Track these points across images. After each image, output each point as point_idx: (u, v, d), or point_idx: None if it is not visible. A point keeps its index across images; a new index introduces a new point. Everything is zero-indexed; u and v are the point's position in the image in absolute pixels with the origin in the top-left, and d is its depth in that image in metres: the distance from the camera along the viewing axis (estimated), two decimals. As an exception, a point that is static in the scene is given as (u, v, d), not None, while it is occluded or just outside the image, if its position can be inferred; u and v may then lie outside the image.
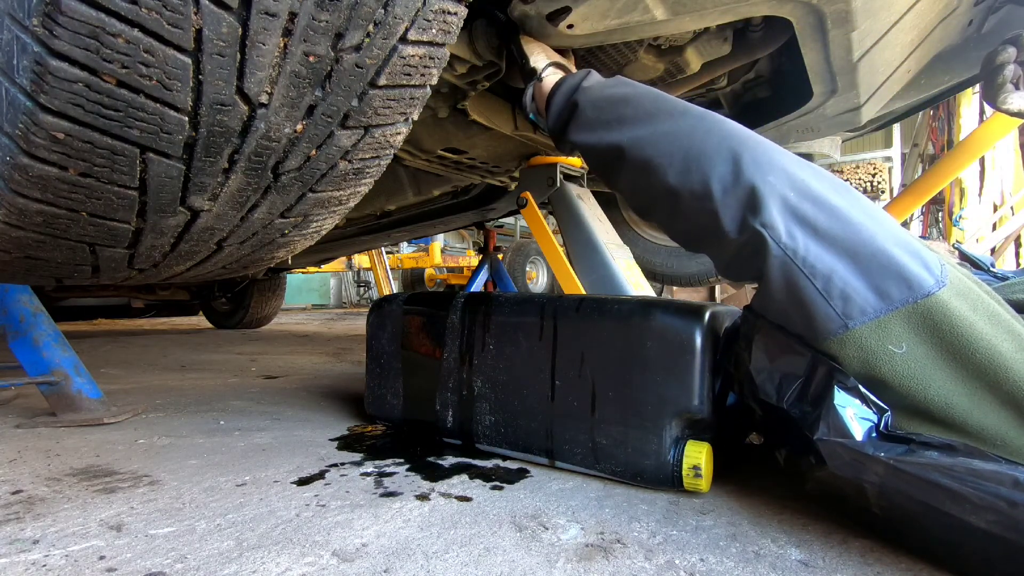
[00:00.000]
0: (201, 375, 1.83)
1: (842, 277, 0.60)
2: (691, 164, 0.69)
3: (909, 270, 0.58)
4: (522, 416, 0.86)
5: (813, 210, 0.62)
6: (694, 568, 0.55)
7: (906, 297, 0.58)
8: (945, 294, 0.57)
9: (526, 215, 1.48)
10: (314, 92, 0.60)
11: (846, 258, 0.60)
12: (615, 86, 0.82)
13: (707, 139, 0.69)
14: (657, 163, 0.72)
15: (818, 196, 0.63)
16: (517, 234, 12.94)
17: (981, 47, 1.30)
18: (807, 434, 0.62)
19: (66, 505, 0.71)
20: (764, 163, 0.65)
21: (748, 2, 0.85)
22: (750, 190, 0.64)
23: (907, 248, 0.59)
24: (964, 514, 0.51)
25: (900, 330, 0.58)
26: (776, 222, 0.62)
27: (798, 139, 1.42)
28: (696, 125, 0.72)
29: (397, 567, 0.55)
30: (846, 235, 0.61)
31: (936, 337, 0.57)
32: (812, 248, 0.61)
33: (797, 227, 0.62)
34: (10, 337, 1.18)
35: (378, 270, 6.57)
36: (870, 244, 0.60)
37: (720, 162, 0.67)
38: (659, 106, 0.76)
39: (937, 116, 5.38)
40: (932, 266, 0.58)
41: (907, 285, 0.58)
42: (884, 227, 0.61)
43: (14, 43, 0.50)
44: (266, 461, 0.88)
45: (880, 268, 0.59)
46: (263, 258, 1.01)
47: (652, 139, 0.74)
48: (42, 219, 0.66)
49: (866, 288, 0.59)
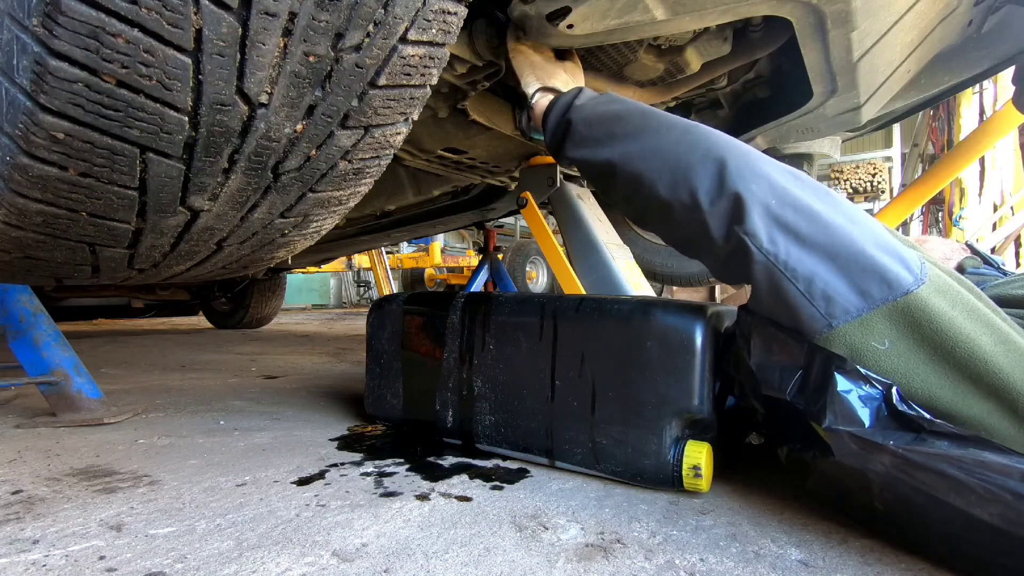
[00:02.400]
0: (201, 375, 1.83)
1: (823, 279, 0.63)
2: (679, 177, 0.72)
3: (888, 269, 0.60)
4: (522, 416, 0.86)
5: (794, 216, 0.65)
6: (694, 568, 0.55)
7: (886, 295, 0.60)
8: (924, 291, 0.59)
9: (526, 215, 1.48)
10: (314, 92, 0.60)
11: (827, 260, 0.63)
12: (605, 103, 0.84)
13: (693, 152, 0.72)
14: (648, 177, 0.75)
15: (799, 202, 0.65)
16: (517, 234, 12.94)
17: (981, 47, 1.30)
18: (814, 425, 0.62)
19: (66, 505, 0.71)
20: (747, 172, 0.68)
21: (748, 2, 0.85)
22: (734, 199, 0.67)
23: (886, 248, 0.62)
24: (968, 506, 0.51)
25: (882, 327, 0.61)
26: (758, 229, 0.65)
27: (798, 139, 1.42)
28: (682, 139, 0.74)
29: (397, 567, 0.55)
30: (826, 238, 0.63)
31: (917, 333, 0.60)
32: (793, 252, 0.64)
33: (779, 233, 0.65)
34: (10, 337, 1.18)
35: (378, 270, 6.57)
36: (850, 246, 0.62)
37: (705, 174, 0.70)
38: (647, 122, 0.79)
39: (937, 116, 5.39)
40: (912, 264, 0.61)
41: (887, 284, 0.60)
42: (864, 229, 0.63)
43: (14, 43, 0.50)
44: (266, 461, 0.88)
45: (860, 269, 0.61)
46: (263, 258, 1.01)
47: (641, 154, 0.77)
48: (42, 219, 0.66)
49: (847, 288, 0.62)
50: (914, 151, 8.34)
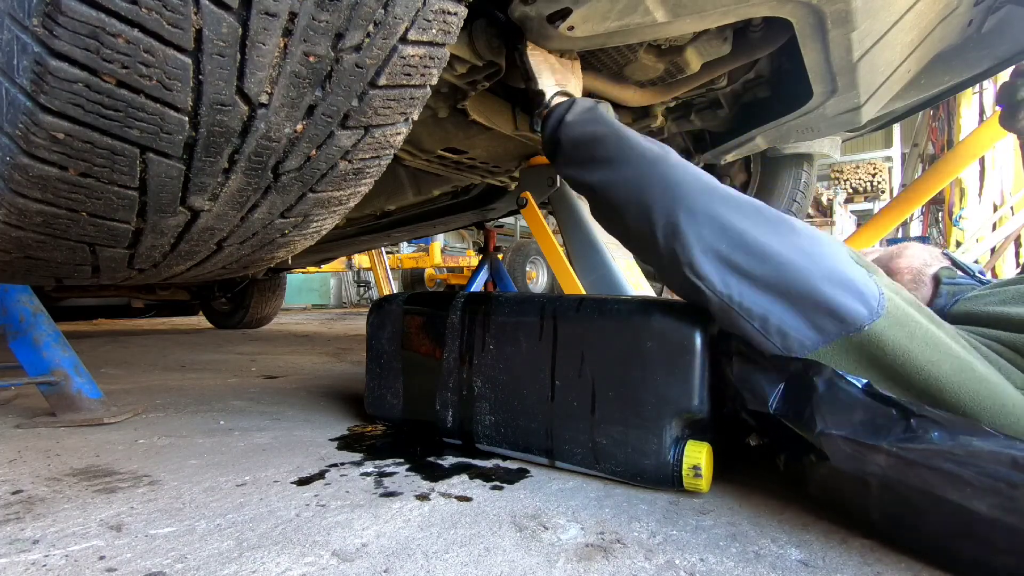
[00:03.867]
0: (201, 375, 1.83)
1: (778, 316, 0.65)
2: (641, 212, 0.75)
3: (841, 305, 0.63)
4: (522, 416, 0.86)
5: (746, 259, 0.67)
6: (694, 568, 0.55)
7: (839, 331, 0.63)
8: (880, 325, 0.61)
9: (526, 215, 1.48)
10: (314, 92, 0.60)
11: (780, 299, 0.65)
12: (590, 123, 0.87)
13: (652, 191, 0.75)
14: (617, 206, 0.79)
15: (751, 244, 0.67)
16: (517, 234, 12.94)
17: (981, 47, 1.30)
18: (805, 434, 0.62)
19: (66, 505, 0.71)
20: (700, 217, 0.70)
21: (748, 3, 0.85)
22: (685, 245, 0.70)
23: (842, 282, 0.64)
24: (966, 499, 0.51)
25: (839, 359, 0.63)
26: (710, 274, 0.68)
27: (798, 139, 1.42)
28: (647, 173, 0.76)
29: (397, 567, 0.55)
30: (778, 278, 0.65)
31: (874, 364, 0.62)
32: (747, 293, 0.67)
33: (731, 276, 0.68)
34: (10, 337, 1.18)
35: (378, 270, 6.57)
36: (802, 284, 0.64)
37: (661, 215, 0.73)
38: (620, 151, 0.81)
39: (937, 116, 5.39)
40: (869, 297, 0.63)
41: (839, 320, 0.63)
42: (819, 264, 0.65)
43: (14, 43, 0.50)
44: (266, 461, 0.88)
45: (812, 305, 0.64)
46: (263, 258, 1.01)
47: (613, 184, 0.80)
48: (42, 219, 0.66)
49: (802, 324, 0.65)
50: (914, 151, 8.34)
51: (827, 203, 10.55)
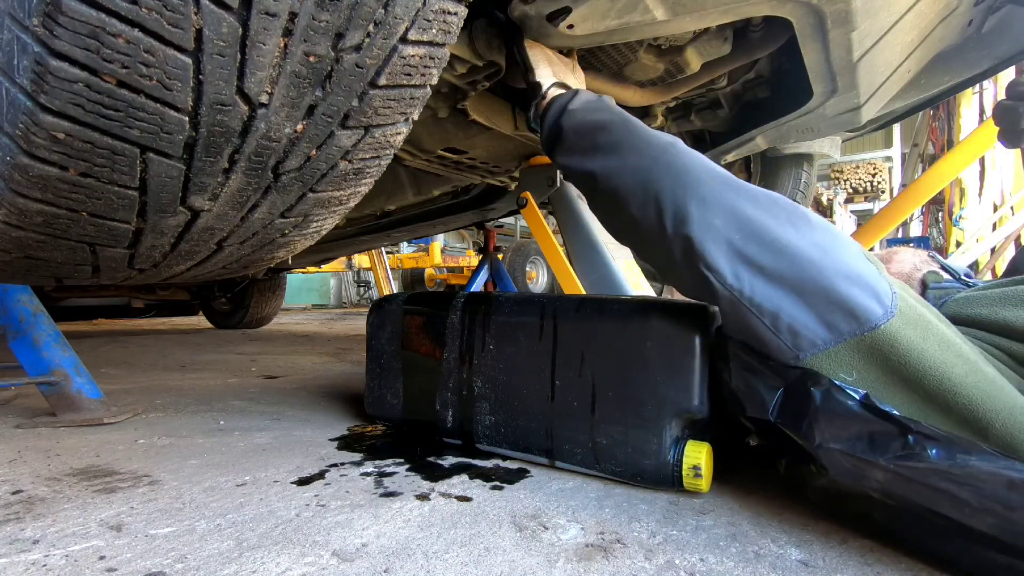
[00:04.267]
0: (201, 375, 1.83)
1: (789, 313, 0.62)
2: (649, 201, 0.71)
3: (856, 303, 0.60)
4: (522, 416, 0.86)
5: (759, 251, 0.64)
6: (694, 568, 0.55)
7: (853, 329, 0.60)
8: (894, 324, 0.59)
9: (526, 215, 1.48)
10: (314, 92, 0.60)
11: (793, 294, 0.62)
12: (595, 111, 0.83)
13: (663, 178, 0.71)
14: (622, 194, 0.74)
15: (765, 236, 0.64)
16: (517, 234, 12.94)
17: (981, 47, 1.30)
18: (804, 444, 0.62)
19: (66, 505, 0.71)
20: (713, 205, 0.66)
21: (748, 2, 0.85)
22: (697, 235, 0.66)
23: (857, 279, 0.61)
24: (965, 518, 0.51)
25: (850, 359, 0.61)
26: (721, 266, 0.65)
27: (798, 139, 1.42)
28: (657, 159, 0.73)
29: (397, 567, 0.55)
30: (792, 272, 0.62)
31: (886, 365, 0.60)
32: (758, 287, 0.63)
33: (743, 268, 0.64)
34: (10, 337, 1.18)
35: (378, 270, 6.57)
36: (817, 279, 0.61)
37: (671, 203, 0.69)
38: (628, 137, 0.77)
39: (937, 116, 5.39)
40: (883, 296, 0.60)
41: (854, 318, 0.60)
42: (834, 259, 0.62)
43: (14, 43, 0.50)
44: (266, 461, 0.88)
45: (827, 302, 0.61)
46: (263, 258, 1.01)
47: (619, 171, 0.76)
48: (42, 219, 0.66)
49: (814, 322, 0.61)
50: (914, 151, 8.34)
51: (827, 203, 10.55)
